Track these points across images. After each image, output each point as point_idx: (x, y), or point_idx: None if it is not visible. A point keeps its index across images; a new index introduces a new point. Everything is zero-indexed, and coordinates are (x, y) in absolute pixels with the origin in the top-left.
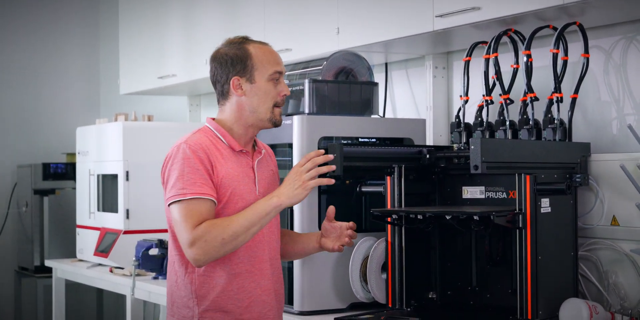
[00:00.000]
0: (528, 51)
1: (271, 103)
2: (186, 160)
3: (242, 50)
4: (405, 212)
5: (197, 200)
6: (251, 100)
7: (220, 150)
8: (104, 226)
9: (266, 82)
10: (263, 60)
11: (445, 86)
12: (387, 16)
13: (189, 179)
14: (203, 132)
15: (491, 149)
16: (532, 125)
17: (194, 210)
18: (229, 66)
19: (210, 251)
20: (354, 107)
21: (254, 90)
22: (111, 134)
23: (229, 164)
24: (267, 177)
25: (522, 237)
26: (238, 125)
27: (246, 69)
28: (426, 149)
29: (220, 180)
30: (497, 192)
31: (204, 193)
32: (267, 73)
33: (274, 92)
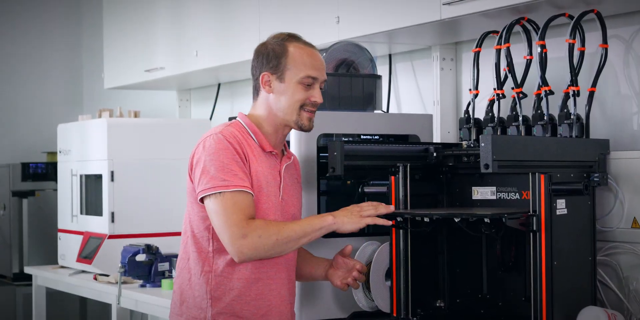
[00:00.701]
0: (542, 41)
1: (297, 105)
2: (225, 151)
3: (280, 47)
4: (411, 215)
5: (241, 193)
6: (278, 99)
7: (251, 148)
8: (87, 230)
9: (296, 84)
10: (299, 61)
11: (453, 79)
12: (390, 4)
13: (230, 171)
14: (235, 126)
15: (503, 146)
16: (547, 120)
17: (241, 203)
18: (263, 61)
19: (260, 248)
20: (356, 102)
21: (282, 90)
22: (95, 131)
23: (259, 163)
24: (292, 185)
25: (537, 240)
26: (268, 123)
27: (279, 66)
28: (433, 146)
29: (253, 177)
30: (510, 193)
31: (246, 186)
32: (299, 75)
33: (302, 95)
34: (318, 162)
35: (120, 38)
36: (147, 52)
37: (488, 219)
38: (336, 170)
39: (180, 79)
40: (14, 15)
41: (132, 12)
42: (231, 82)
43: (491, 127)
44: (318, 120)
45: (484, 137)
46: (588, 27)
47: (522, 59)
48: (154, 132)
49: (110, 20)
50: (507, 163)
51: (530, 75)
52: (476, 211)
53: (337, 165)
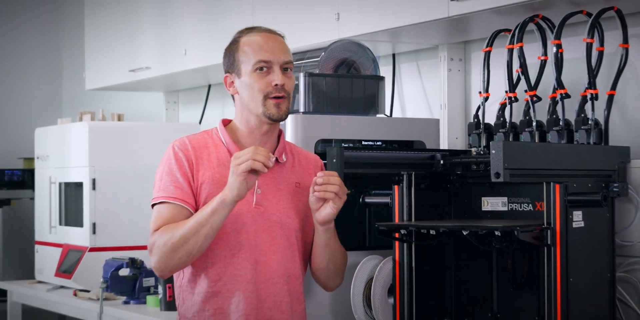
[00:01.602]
0: (558, 41)
1: (260, 96)
2: (167, 161)
3: (234, 43)
4: (416, 227)
5: (165, 205)
6: (242, 96)
7: (216, 154)
8: (66, 242)
9: (250, 75)
10: (248, 51)
11: (462, 81)
12: (395, 0)
13: (164, 182)
14: (207, 132)
15: (515, 153)
16: (563, 126)
17: (158, 216)
18: (224, 63)
19: (164, 258)
20: (357, 105)
21: (242, 86)
22: (75, 135)
23: (220, 169)
24: (279, 190)
25: (551, 255)
26: (243, 126)
27: (234, 63)
28: (440, 153)
29: (200, 185)
30: (522, 204)
31: (173, 197)
32: (250, 64)
33: (262, 83)
34: None
35: (103, 35)
36: (132, 51)
37: (499, 232)
38: None
39: (167, 80)
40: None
41: (116, 8)
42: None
43: (502, 132)
44: (316, 124)
45: (494, 144)
46: (607, 26)
47: (536, 60)
48: (139, 136)
49: (92, 16)
50: (520, 172)
51: (544, 77)
52: (486, 223)
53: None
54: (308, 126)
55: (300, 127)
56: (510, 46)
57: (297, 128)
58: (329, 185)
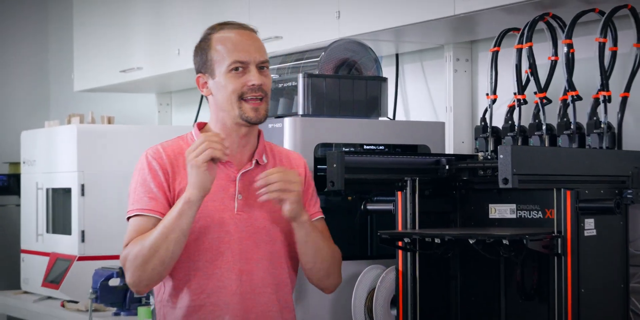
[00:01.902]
0: (569, 40)
1: (234, 97)
2: (140, 171)
3: (205, 41)
4: (420, 235)
5: (139, 218)
6: (216, 98)
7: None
8: (54, 251)
9: (225, 75)
10: (222, 50)
11: (468, 82)
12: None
13: (137, 194)
14: (183, 137)
15: (524, 158)
16: (574, 130)
17: (133, 230)
18: (195, 62)
19: (137, 272)
20: (358, 108)
21: (216, 87)
22: (63, 139)
23: None
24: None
25: (562, 265)
26: (219, 128)
27: (207, 63)
28: (445, 158)
29: (177, 195)
30: (532, 211)
31: (147, 209)
32: (225, 64)
33: (237, 84)
34: (315, 175)
35: (92, 34)
36: (123, 51)
37: (507, 241)
38: (336, 184)
39: (160, 81)
40: None
41: (106, 5)
42: None
43: (511, 136)
44: (315, 127)
45: (502, 148)
46: (621, 25)
47: (546, 60)
48: (130, 140)
49: (80, 14)
50: (529, 177)
51: (555, 78)
52: (494, 231)
53: (336, 179)
54: (307, 130)
55: (299, 130)
56: (519, 46)
57: (295, 131)
58: (270, 185)
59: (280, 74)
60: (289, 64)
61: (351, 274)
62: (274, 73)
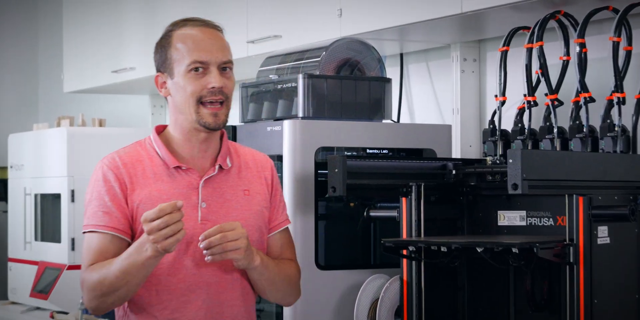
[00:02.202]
0: (582, 39)
1: (192, 100)
2: (95, 183)
3: (165, 38)
4: (426, 243)
5: (95, 235)
6: (175, 99)
7: (152, 168)
8: (43, 259)
9: (184, 76)
10: (182, 49)
11: (476, 83)
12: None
13: (92, 208)
14: (140, 143)
15: (534, 163)
16: (587, 133)
17: (89, 248)
18: (155, 60)
19: (94, 301)
20: (361, 110)
21: (175, 87)
22: (52, 142)
23: (157, 185)
24: (227, 200)
25: (574, 274)
26: (178, 133)
27: (166, 61)
28: (452, 162)
29: (136, 207)
30: (542, 218)
31: (102, 226)
32: (184, 64)
33: (196, 85)
34: (316, 180)
35: (83, 33)
36: (115, 50)
37: (516, 249)
38: (337, 190)
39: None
40: None
41: (97, 3)
42: None
43: (521, 140)
44: (316, 130)
45: (512, 152)
46: (636, 23)
47: (557, 60)
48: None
49: (71, 13)
50: (540, 183)
51: (567, 79)
52: (502, 239)
53: (338, 185)
54: (307, 133)
55: (299, 133)
56: (529, 45)
57: (295, 135)
58: (212, 248)
59: (279, 74)
60: (288, 64)
61: (354, 284)
62: (273, 73)
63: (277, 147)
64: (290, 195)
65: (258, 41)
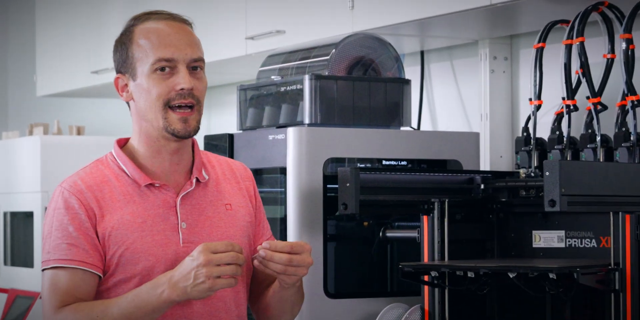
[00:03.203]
0: (629, 35)
1: (159, 104)
2: (55, 212)
3: (126, 35)
4: (450, 268)
5: (61, 270)
6: (138, 104)
7: (120, 188)
8: (13, 287)
9: (148, 76)
10: (145, 45)
11: (507, 85)
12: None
13: (53, 240)
14: (101, 162)
15: (575, 176)
16: (634, 141)
17: (54, 287)
18: (114, 59)
19: None
20: (376, 115)
21: (138, 90)
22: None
23: (129, 208)
24: (207, 218)
25: (620, 303)
26: (143, 145)
27: (127, 61)
28: (480, 176)
29: (107, 236)
30: (583, 239)
31: (70, 259)
32: (148, 63)
33: (162, 87)
34: (325, 196)
35: (58, 30)
36: (95, 49)
37: (554, 275)
38: (349, 207)
39: None
40: None
41: None
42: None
43: (559, 150)
44: (325, 139)
45: (548, 164)
46: None
47: (600, 59)
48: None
49: (44, 8)
50: (580, 199)
51: (611, 80)
52: (538, 263)
53: (350, 201)
54: (315, 142)
55: (305, 142)
56: (568, 41)
57: (301, 144)
58: (271, 263)
59: (282, 75)
60: (292, 64)
61: (368, 314)
62: (275, 73)
63: (280, 159)
64: (295, 213)
65: (258, 37)
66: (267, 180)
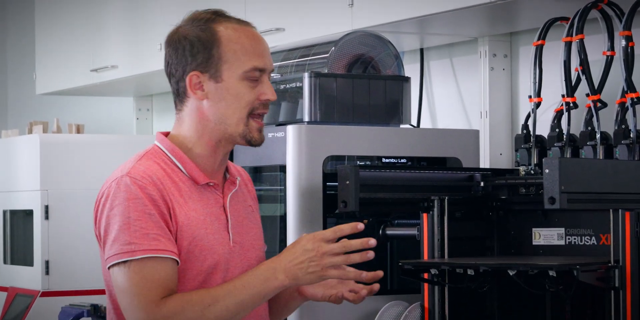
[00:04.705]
0: (628, 32)
1: (245, 111)
2: (131, 200)
3: (207, 32)
4: (450, 266)
5: (152, 261)
6: (216, 106)
7: (178, 184)
8: (13, 285)
9: (238, 82)
10: (237, 49)
11: (507, 82)
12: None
13: (139, 229)
14: (152, 155)
15: (574, 173)
16: (634, 139)
17: (150, 276)
18: (187, 55)
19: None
20: (375, 113)
21: (220, 92)
22: (24, 151)
23: (190, 205)
24: (243, 218)
25: (620, 301)
26: (202, 144)
27: (210, 60)
28: (480, 173)
29: (179, 229)
30: (583, 237)
31: (162, 249)
32: (242, 69)
33: (251, 95)
34: (324, 194)
35: (58, 28)
36: (95, 46)
37: (554, 272)
38: (349, 205)
39: (138, 82)
40: None
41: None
42: None
43: (558, 147)
44: (324, 137)
45: (548, 161)
46: None
47: (600, 56)
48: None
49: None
50: (580, 196)
51: (611, 77)
52: (538, 261)
53: (349, 199)
54: (314, 139)
55: (305, 140)
56: (567, 39)
57: (300, 142)
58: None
59: (282, 73)
60: (292, 61)
61: (368, 312)
62: (274, 72)
63: (279, 157)
64: (295, 211)
65: None
66: (266, 178)
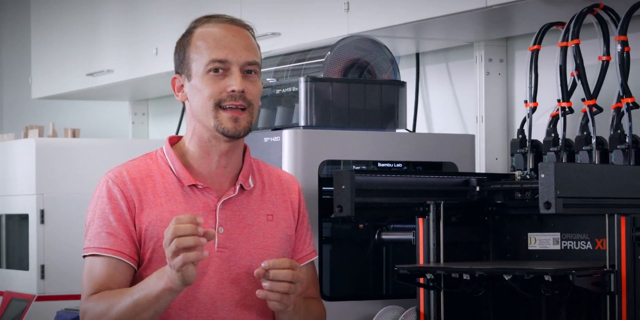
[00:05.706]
0: (624, 37)
1: (210, 104)
2: (98, 200)
3: (186, 36)
4: (445, 270)
5: (98, 259)
6: (193, 104)
7: (163, 185)
8: (8, 289)
9: (202, 77)
10: (201, 45)
11: (503, 87)
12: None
13: (95, 228)
14: (151, 155)
15: (570, 178)
16: (630, 143)
17: (91, 274)
18: (174, 60)
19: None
20: (371, 118)
21: (191, 90)
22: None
23: (169, 205)
24: (250, 226)
25: (615, 305)
26: (193, 145)
27: (184, 62)
28: (476, 178)
29: (144, 230)
30: (579, 242)
31: (107, 248)
32: (203, 64)
33: (214, 88)
34: (320, 199)
35: (54, 32)
36: (90, 50)
37: (549, 277)
38: (344, 209)
39: (134, 86)
40: None
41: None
42: None
43: (554, 152)
44: (320, 141)
45: (544, 166)
46: None
47: (596, 61)
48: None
49: (39, 9)
50: (576, 201)
51: (607, 82)
52: (534, 266)
53: (345, 204)
54: (310, 144)
55: (301, 145)
56: (563, 43)
57: (296, 146)
58: (274, 284)
59: (277, 77)
60: (288, 66)
61: (363, 316)
62: (271, 76)
63: (275, 161)
64: None
65: None
66: None
